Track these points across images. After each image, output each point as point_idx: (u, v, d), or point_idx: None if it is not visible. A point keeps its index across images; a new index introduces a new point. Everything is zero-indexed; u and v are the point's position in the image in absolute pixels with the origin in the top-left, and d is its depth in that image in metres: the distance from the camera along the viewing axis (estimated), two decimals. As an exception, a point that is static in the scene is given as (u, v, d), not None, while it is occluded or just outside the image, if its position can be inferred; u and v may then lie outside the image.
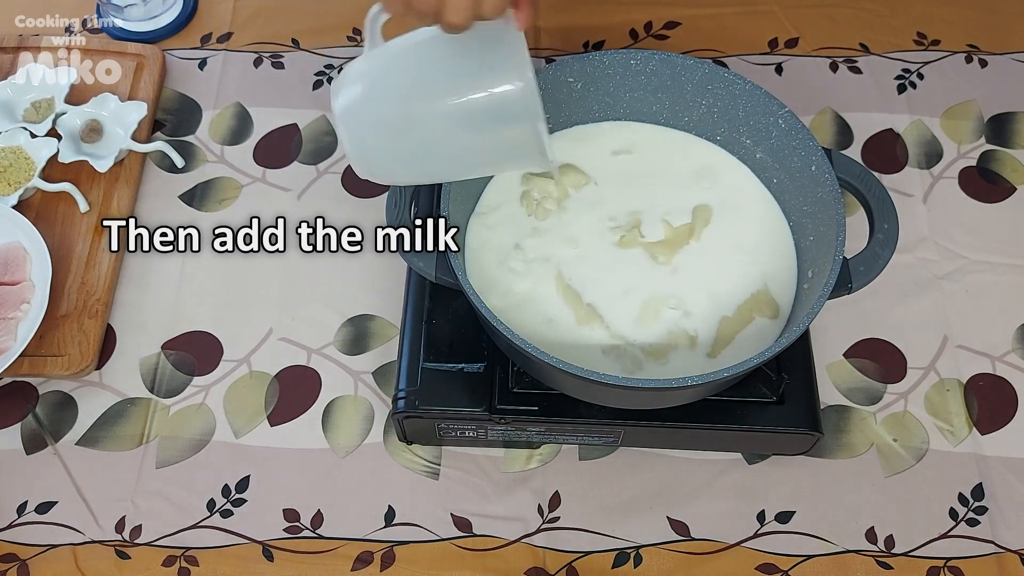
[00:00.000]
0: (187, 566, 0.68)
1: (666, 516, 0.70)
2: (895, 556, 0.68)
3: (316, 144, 0.86)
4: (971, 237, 0.81)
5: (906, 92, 0.89)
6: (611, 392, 0.60)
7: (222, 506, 0.70)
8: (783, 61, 0.91)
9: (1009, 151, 0.85)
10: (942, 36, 0.92)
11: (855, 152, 0.85)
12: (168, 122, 0.88)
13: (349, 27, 0.93)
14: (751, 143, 0.68)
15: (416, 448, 0.72)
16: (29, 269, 0.75)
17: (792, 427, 0.65)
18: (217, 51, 0.92)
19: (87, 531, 0.70)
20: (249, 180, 0.84)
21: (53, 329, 0.75)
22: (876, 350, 0.76)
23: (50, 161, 0.81)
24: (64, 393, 0.75)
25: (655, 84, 0.69)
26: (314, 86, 0.90)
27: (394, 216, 0.62)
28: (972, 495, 0.70)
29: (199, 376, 0.75)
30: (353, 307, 0.78)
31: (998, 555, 0.68)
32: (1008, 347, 0.76)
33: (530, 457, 0.72)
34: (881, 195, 0.62)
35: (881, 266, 0.60)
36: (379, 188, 0.83)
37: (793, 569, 0.68)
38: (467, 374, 0.66)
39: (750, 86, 0.65)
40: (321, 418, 0.73)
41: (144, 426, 0.73)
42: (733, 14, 0.93)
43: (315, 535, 0.69)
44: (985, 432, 0.73)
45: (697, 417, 0.65)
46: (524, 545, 0.69)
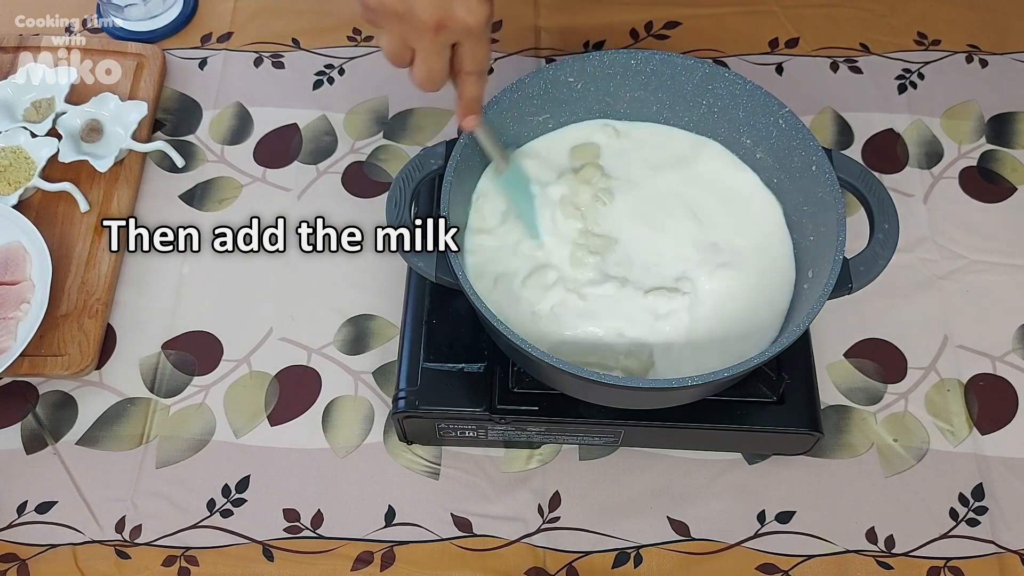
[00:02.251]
0: (187, 566, 0.68)
1: (666, 516, 0.70)
2: (895, 556, 0.68)
3: (316, 144, 0.86)
4: (971, 237, 0.81)
5: (906, 92, 0.89)
6: (611, 392, 0.60)
7: (222, 506, 0.70)
8: (783, 61, 0.91)
9: (1009, 151, 0.85)
10: (942, 36, 0.92)
11: (855, 152, 0.85)
12: (168, 122, 0.88)
13: (349, 27, 0.93)
14: (751, 143, 0.68)
15: (416, 448, 0.72)
16: (29, 269, 0.75)
17: (792, 427, 0.65)
18: (217, 51, 0.92)
19: (87, 531, 0.70)
20: (249, 180, 0.84)
21: (53, 329, 0.75)
22: (876, 350, 0.76)
23: (50, 161, 0.81)
24: (64, 393, 0.75)
25: (655, 84, 0.69)
26: (314, 86, 0.90)
27: (394, 216, 0.62)
28: (972, 495, 0.70)
29: (199, 376, 0.75)
30: (353, 307, 0.78)
31: (998, 555, 0.68)
32: (1008, 347, 0.76)
33: (530, 457, 0.72)
34: (881, 195, 0.62)
35: (881, 266, 0.60)
36: (379, 188, 0.83)
37: (793, 569, 0.68)
38: (467, 374, 0.66)
39: (750, 86, 0.65)
40: (321, 418, 0.73)
41: (144, 426, 0.73)
42: (733, 14, 0.93)
43: (315, 535, 0.69)
44: (985, 432, 0.72)
45: (697, 417, 0.65)
46: (524, 545, 0.69)
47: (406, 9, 0.53)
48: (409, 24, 0.54)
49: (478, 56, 0.58)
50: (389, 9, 0.53)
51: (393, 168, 0.85)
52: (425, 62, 0.56)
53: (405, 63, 0.57)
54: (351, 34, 0.93)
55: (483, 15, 0.54)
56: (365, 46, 0.92)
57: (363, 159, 0.85)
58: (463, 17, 0.53)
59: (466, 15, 0.53)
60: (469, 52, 0.57)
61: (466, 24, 0.54)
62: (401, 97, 0.89)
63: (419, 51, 0.56)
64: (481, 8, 0.54)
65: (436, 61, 0.56)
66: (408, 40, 0.55)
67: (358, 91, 0.89)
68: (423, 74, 0.57)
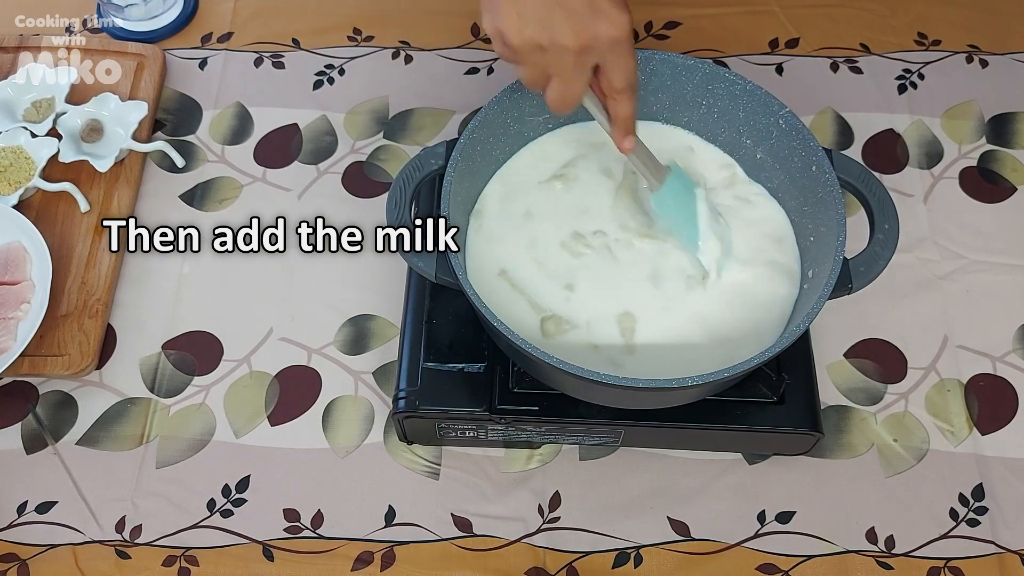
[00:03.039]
0: (187, 566, 0.68)
1: (666, 516, 0.70)
2: (895, 556, 0.68)
3: (316, 144, 0.86)
4: (971, 237, 0.81)
5: (907, 92, 0.89)
6: (611, 392, 0.60)
7: (222, 506, 0.70)
8: (783, 61, 0.91)
9: (1009, 151, 0.85)
10: (943, 36, 0.92)
11: (855, 152, 0.85)
12: (168, 122, 0.88)
13: (349, 27, 0.93)
14: (751, 143, 0.68)
15: (416, 448, 0.72)
16: (29, 269, 0.75)
17: (792, 427, 0.65)
18: (217, 51, 0.92)
19: (87, 531, 0.70)
20: (249, 180, 0.84)
21: (53, 329, 0.75)
22: (876, 350, 0.76)
23: (50, 161, 0.81)
24: (64, 393, 0.75)
25: (655, 84, 0.69)
26: (314, 86, 0.90)
27: (394, 216, 0.62)
28: (972, 495, 0.70)
29: (199, 376, 0.75)
30: (353, 307, 0.78)
31: (998, 555, 0.68)
32: (1008, 347, 0.76)
33: (530, 457, 0.72)
34: (881, 195, 0.62)
35: (881, 266, 0.60)
36: (379, 188, 0.84)
37: (793, 569, 0.68)
38: (467, 374, 0.66)
39: (750, 86, 0.65)
40: (321, 418, 0.73)
41: (144, 426, 0.73)
42: (733, 14, 0.93)
43: (315, 535, 0.69)
44: (985, 432, 0.72)
45: (697, 417, 0.65)
46: (524, 545, 0.69)
47: (549, 39, 0.51)
48: (552, 52, 0.52)
49: (627, 70, 0.55)
50: (531, 43, 0.52)
51: (393, 168, 0.85)
52: (565, 84, 0.54)
53: (543, 87, 0.55)
54: (351, 34, 0.93)
55: (626, 25, 0.52)
56: (365, 46, 0.92)
57: (363, 159, 0.85)
58: (607, 31, 0.52)
59: (609, 29, 0.52)
60: (617, 67, 0.55)
61: (611, 38, 0.52)
62: (401, 97, 0.89)
63: (559, 75, 0.54)
64: (622, 18, 0.52)
65: (577, 83, 0.55)
66: (549, 67, 0.53)
67: (358, 91, 0.89)
68: (560, 97, 0.55)
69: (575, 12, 0.51)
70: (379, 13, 0.94)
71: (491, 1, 0.53)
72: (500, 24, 0.52)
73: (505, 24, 0.52)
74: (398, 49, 0.92)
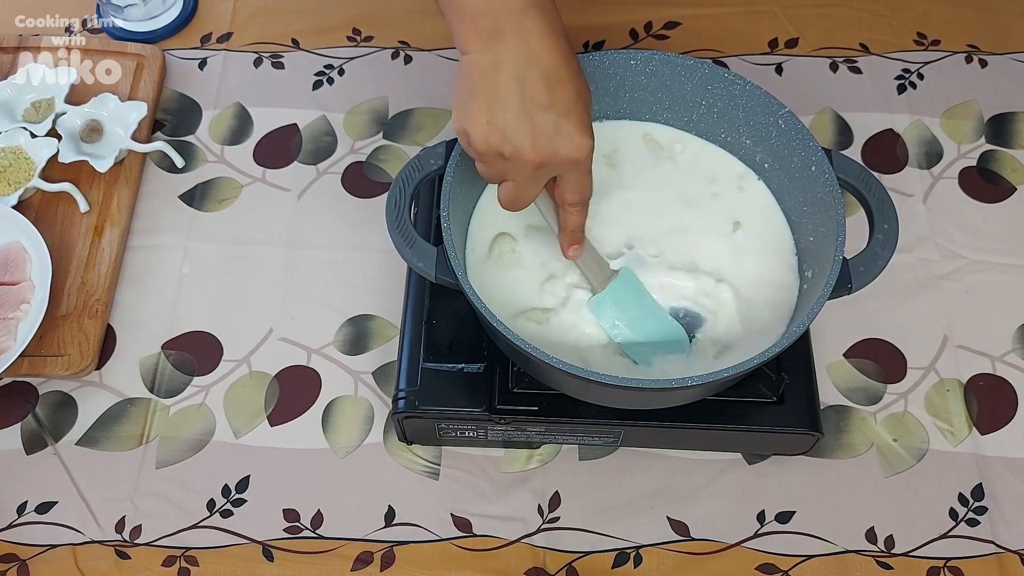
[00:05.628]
0: (187, 566, 0.68)
1: (666, 516, 0.70)
2: (895, 556, 0.68)
3: (316, 144, 0.86)
4: (971, 237, 0.81)
5: (906, 92, 0.89)
6: (611, 392, 0.60)
7: (222, 506, 0.70)
8: (783, 61, 0.91)
9: (1009, 151, 0.85)
10: (942, 36, 0.92)
11: (855, 152, 0.85)
12: (168, 122, 0.88)
13: (349, 27, 0.93)
14: (751, 143, 0.68)
15: (416, 448, 0.72)
16: (29, 269, 0.75)
17: (792, 427, 0.65)
18: (217, 51, 0.92)
19: (87, 531, 0.70)
20: (249, 180, 0.84)
21: (53, 329, 0.75)
22: (876, 350, 0.76)
23: (50, 161, 0.81)
24: (64, 393, 0.75)
25: (655, 84, 0.69)
26: (314, 86, 0.90)
27: (394, 216, 0.62)
28: (972, 495, 0.70)
29: (199, 376, 0.75)
30: (353, 307, 0.78)
31: (998, 555, 0.68)
32: (1008, 347, 0.76)
33: (530, 457, 0.72)
34: (881, 195, 0.62)
35: (881, 266, 0.60)
36: (379, 188, 0.84)
37: (793, 569, 0.68)
38: (467, 374, 0.66)
39: (750, 86, 0.65)
40: (321, 418, 0.73)
41: (144, 426, 0.73)
42: (733, 14, 0.93)
43: (315, 535, 0.69)
44: (985, 432, 0.73)
45: (697, 417, 0.65)
46: (524, 545, 0.69)
47: (511, 151, 0.53)
48: (512, 161, 0.54)
49: (581, 187, 0.57)
50: (494, 151, 0.53)
51: (393, 168, 0.85)
52: (520, 190, 0.56)
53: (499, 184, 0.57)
54: (351, 34, 0.93)
55: (586, 149, 0.54)
56: (365, 46, 0.92)
57: (363, 159, 0.85)
58: (567, 152, 0.53)
59: (571, 151, 0.53)
60: (571, 184, 0.57)
61: (570, 159, 0.54)
62: (401, 97, 0.89)
63: (515, 181, 0.55)
64: (585, 143, 0.53)
65: (531, 191, 0.57)
66: (506, 173, 0.55)
67: (358, 91, 0.89)
68: (512, 198, 0.57)
69: (540, 131, 0.52)
70: (379, 13, 0.94)
71: (463, 102, 0.54)
72: (467, 126, 0.54)
73: (472, 127, 0.53)
74: (398, 49, 0.92)
